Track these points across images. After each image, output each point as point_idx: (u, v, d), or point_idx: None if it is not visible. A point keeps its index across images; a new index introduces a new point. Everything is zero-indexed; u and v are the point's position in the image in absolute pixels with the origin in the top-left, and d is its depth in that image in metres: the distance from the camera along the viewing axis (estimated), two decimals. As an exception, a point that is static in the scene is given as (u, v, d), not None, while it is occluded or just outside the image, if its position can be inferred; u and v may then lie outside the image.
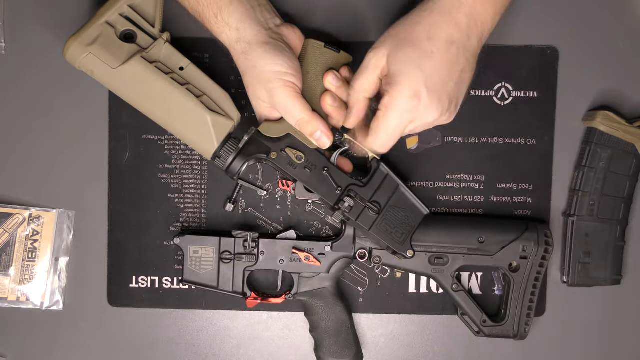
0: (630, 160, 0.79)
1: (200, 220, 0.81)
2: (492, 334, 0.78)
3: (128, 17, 0.69)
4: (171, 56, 0.69)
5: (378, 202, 0.72)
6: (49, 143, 0.80)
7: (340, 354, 0.78)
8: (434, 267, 0.77)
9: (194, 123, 0.69)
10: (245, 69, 0.69)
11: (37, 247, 0.80)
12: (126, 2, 0.68)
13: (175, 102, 0.68)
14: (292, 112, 0.68)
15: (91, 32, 0.67)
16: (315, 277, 0.78)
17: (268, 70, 0.67)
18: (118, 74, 0.67)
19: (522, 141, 0.81)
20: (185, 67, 0.69)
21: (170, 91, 0.68)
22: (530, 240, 0.77)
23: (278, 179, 0.81)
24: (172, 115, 0.69)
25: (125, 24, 0.68)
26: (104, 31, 0.67)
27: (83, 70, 0.68)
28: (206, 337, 0.82)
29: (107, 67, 0.67)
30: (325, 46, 0.70)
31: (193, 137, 0.70)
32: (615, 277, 0.80)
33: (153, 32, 0.69)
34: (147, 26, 0.69)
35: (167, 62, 0.69)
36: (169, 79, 0.68)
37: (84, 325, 0.81)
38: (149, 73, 0.67)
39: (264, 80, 0.67)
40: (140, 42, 0.68)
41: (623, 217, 0.80)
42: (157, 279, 0.81)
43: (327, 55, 0.71)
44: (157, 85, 0.67)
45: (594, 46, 0.81)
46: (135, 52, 0.67)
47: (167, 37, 0.69)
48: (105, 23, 0.67)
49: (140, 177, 0.80)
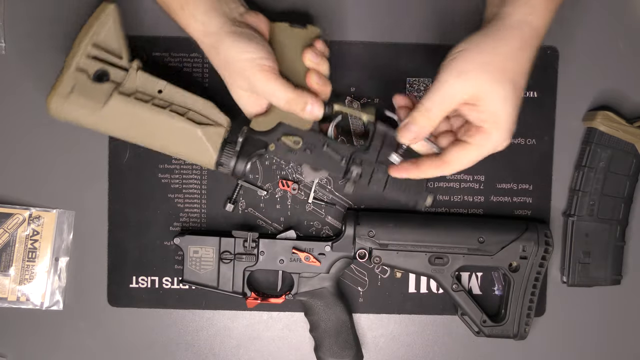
0: (630, 160, 0.79)
1: (200, 220, 0.81)
2: (492, 334, 0.78)
3: (95, 56, 0.69)
4: (147, 82, 0.69)
5: (384, 161, 0.71)
6: (49, 143, 0.80)
7: (340, 354, 0.78)
8: (434, 267, 0.77)
9: (188, 140, 0.69)
10: (218, 63, 0.68)
11: (37, 247, 0.80)
12: (89, 42, 0.69)
13: (163, 126, 0.69)
14: (276, 94, 0.66)
15: (65, 83, 0.68)
16: (315, 277, 0.78)
17: (241, 59, 0.65)
18: (102, 116, 0.68)
19: (522, 141, 0.81)
20: (163, 89, 0.70)
21: (156, 118, 0.68)
22: (530, 240, 0.77)
23: (278, 179, 0.81)
24: (165, 139, 0.69)
25: (95, 65, 0.69)
26: (77, 78, 0.68)
27: (69, 121, 0.68)
28: (206, 337, 0.82)
29: (91, 112, 0.68)
30: (290, 26, 0.71)
31: (191, 154, 0.70)
32: (615, 277, 0.80)
33: (123, 64, 0.69)
34: (115, 60, 0.69)
35: (145, 89, 0.69)
36: (151, 106, 0.68)
37: (84, 325, 0.81)
38: (131, 106, 0.68)
39: (239, 70, 0.66)
40: (114, 78, 0.69)
41: (623, 217, 0.80)
42: (157, 279, 0.81)
43: (296, 34, 0.71)
44: (142, 115, 0.68)
45: (594, 46, 0.81)
46: (113, 90, 0.68)
47: (137, 65, 0.69)
48: (76, 70, 0.68)
49: (140, 177, 0.80)
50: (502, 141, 0.61)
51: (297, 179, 0.81)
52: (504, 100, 0.59)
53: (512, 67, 0.59)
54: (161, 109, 0.68)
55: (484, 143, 0.61)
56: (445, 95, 0.60)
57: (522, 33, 0.59)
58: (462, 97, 0.59)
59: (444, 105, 0.60)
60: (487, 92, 0.59)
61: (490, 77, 0.58)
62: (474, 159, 0.62)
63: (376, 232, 0.77)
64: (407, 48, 0.80)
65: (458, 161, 0.63)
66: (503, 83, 0.59)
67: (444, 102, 0.60)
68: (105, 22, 0.69)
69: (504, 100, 0.59)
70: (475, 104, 0.60)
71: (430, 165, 0.64)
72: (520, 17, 0.60)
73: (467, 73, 0.59)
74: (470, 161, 0.63)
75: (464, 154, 0.62)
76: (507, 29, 0.60)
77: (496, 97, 0.59)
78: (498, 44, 0.59)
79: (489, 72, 0.58)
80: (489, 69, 0.58)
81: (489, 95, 0.59)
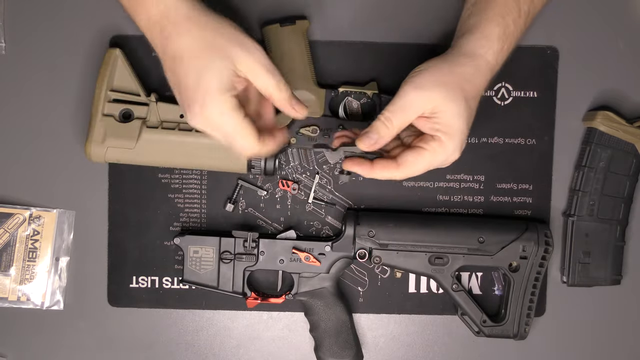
0: (630, 160, 0.79)
1: (200, 220, 0.81)
2: (492, 334, 0.78)
3: (116, 99, 0.75)
4: (168, 111, 0.76)
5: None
6: (50, 143, 0.80)
7: (340, 354, 0.78)
8: (434, 267, 0.77)
9: (218, 154, 0.75)
10: (207, 29, 0.60)
11: (37, 247, 0.80)
12: (106, 89, 0.75)
13: (194, 146, 0.75)
14: (276, 69, 0.62)
15: (97, 130, 0.75)
16: (315, 277, 0.78)
17: (236, 26, 0.61)
18: (138, 151, 0.75)
19: (522, 141, 0.81)
20: (184, 113, 0.73)
21: (185, 141, 0.75)
22: (530, 240, 0.77)
23: (278, 179, 0.81)
24: (197, 157, 0.75)
25: (118, 107, 0.75)
26: (106, 123, 0.75)
27: (110, 162, 0.76)
28: (206, 337, 0.82)
29: (127, 150, 0.75)
30: (281, 25, 0.75)
31: (224, 165, 0.76)
32: (615, 277, 0.80)
33: (142, 100, 0.76)
34: (135, 98, 0.76)
35: (168, 118, 0.75)
36: (178, 131, 0.75)
37: (84, 325, 0.81)
38: (161, 136, 0.75)
39: (238, 37, 0.60)
40: (139, 114, 0.75)
41: (623, 217, 0.80)
42: (157, 279, 0.81)
43: (289, 32, 0.75)
44: (173, 142, 0.75)
45: (594, 46, 0.81)
46: (140, 125, 0.75)
47: (155, 98, 0.76)
48: (103, 116, 0.75)
49: (140, 177, 0.80)
50: (453, 151, 0.65)
51: (297, 179, 0.81)
52: (458, 116, 0.64)
53: (466, 87, 0.64)
54: (188, 132, 0.75)
55: (438, 150, 0.65)
56: (405, 107, 0.64)
57: (476, 62, 0.65)
58: (420, 109, 0.64)
59: (404, 116, 0.64)
60: (442, 105, 0.63)
61: (446, 93, 0.63)
62: (426, 164, 0.66)
63: (376, 232, 0.77)
64: (407, 48, 0.80)
65: (411, 165, 0.66)
66: (457, 100, 0.63)
67: (403, 113, 0.64)
68: (115, 67, 0.76)
69: (458, 116, 0.64)
70: (431, 117, 0.64)
71: (384, 166, 0.67)
72: (474, 50, 0.65)
73: (425, 88, 0.63)
74: (422, 167, 0.66)
75: (418, 158, 0.65)
76: (462, 56, 0.65)
77: (450, 111, 0.63)
78: (454, 67, 0.65)
79: (445, 89, 0.63)
80: (446, 87, 0.63)
81: (443, 108, 0.63)
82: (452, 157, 0.66)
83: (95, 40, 0.79)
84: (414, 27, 0.80)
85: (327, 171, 0.81)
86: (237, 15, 0.79)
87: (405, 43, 0.80)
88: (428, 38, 0.80)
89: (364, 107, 0.77)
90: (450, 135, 0.64)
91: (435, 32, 0.80)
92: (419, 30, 0.80)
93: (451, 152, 0.65)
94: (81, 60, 0.79)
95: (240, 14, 0.79)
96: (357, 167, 0.68)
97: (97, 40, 0.79)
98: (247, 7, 0.79)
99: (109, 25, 0.79)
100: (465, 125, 0.65)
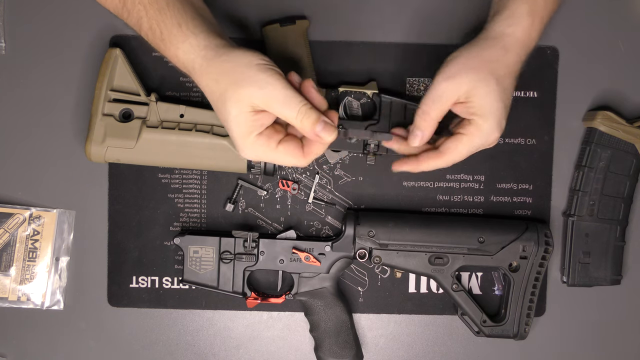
0: (630, 160, 0.79)
1: (200, 220, 0.81)
2: (492, 334, 0.78)
3: (116, 99, 0.76)
4: (168, 110, 0.76)
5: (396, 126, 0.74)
6: (50, 143, 0.80)
7: (340, 354, 0.78)
8: (434, 267, 0.77)
9: (218, 153, 0.75)
10: (220, 72, 0.62)
11: (37, 247, 0.80)
12: (106, 88, 0.75)
13: (194, 146, 0.75)
14: (292, 100, 0.62)
15: (97, 130, 0.75)
16: (315, 277, 0.78)
17: (252, 60, 0.62)
18: (138, 151, 0.75)
19: (522, 141, 0.81)
20: (184, 113, 0.76)
21: (185, 140, 0.75)
22: (530, 240, 0.77)
23: (278, 179, 0.81)
24: (198, 157, 0.75)
25: (118, 107, 0.75)
26: (106, 123, 0.75)
27: (110, 162, 0.76)
28: (206, 337, 0.82)
29: (127, 149, 0.75)
30: (281, 26, 0.75)
31: (224, 164, 0.76)
32: (615, 277, 0.80)
33: (142, 99, 0.76)
34: (135, 98, 0.76)
35: (168, 118, 0.75)
36: (179, 131, 0.75)
37: (84, 325, 0.81)
38: (161, 135, 0.75)
39: (249, 75, 0.61)
40: (139, 114, 0.75)
41: (623, 217, 0.80)
42: (157, 279, 0.81)
43: (289, 32, 0.75)
44: (173, 141, 0.75)
45: (594, 46, 0.81)
46: (140, 125, 0.75)
47: (155, 98, 0.76)
48: (103, 116, 0.75)
49: (140, 177, 0.80)
50: (491, 131, 0.67)
51: (297, 178, 0.81)
52: (489, 95, 0.65)
53: (495, 67, 0.66)
54: (188, 132, 0.75)
55: (475, 133, 0.67)
56: (437, 98, 0.66)
57: (503, 42, 0.67)
58: (452, 98, 0.66)
59: (438, 107, 0.66)
60: (473, 89, 0.65)
61: (474, 76, 0.65)
62: (467, 148, 0.68)
63: (376, 232, 0.77)
64: (407, 48, 0.80)
65: (453, 151, 0.68)
66: (486, 80, 0.65)
67: (437, 104, 0.66)
68: (115, 67, 0.76)
69: (489, 95, 0.65)
70: (465, 102, 0.66)
71: (428, 157, 0.69)
72: (503, 29, 0.67)
73: (454, 76, 0.66)
74: (464, 151, 0.68)
75: (458, 145, 0.67)
76: (489, 39, 0.67)
77: (481, 92, 0.65)
78: (481, 51, 0.67)
79: (474, 72, 0.65)
80: (474, 70, 0.65)
81: (474, 92, 0.65)
82: (492, 137, 0.67)
83: (95, 40, 0.79)
84: (414, 27, 0.80)
85: (327, 171, 0.81)
86: (237, 15, 0.79)
87: (405, 43, 0.80)
88: (429, 38, 0.80)
89: (364, 107, 0.77)
90: (484, 117, 0.66)
91: (435, 31, 0.80)
92: (419, 30, 0.80)
93: (490, 132, 0.66)
94: (81, 60, 0.79)
95: (240, 14, 0.79)
96: (406, 166, 0.71)
97: (97, 40, 0.79)
98: (247, 7, 0.79)
99: (109, 25, 0.79)
100: (500, 103, 0.66)
